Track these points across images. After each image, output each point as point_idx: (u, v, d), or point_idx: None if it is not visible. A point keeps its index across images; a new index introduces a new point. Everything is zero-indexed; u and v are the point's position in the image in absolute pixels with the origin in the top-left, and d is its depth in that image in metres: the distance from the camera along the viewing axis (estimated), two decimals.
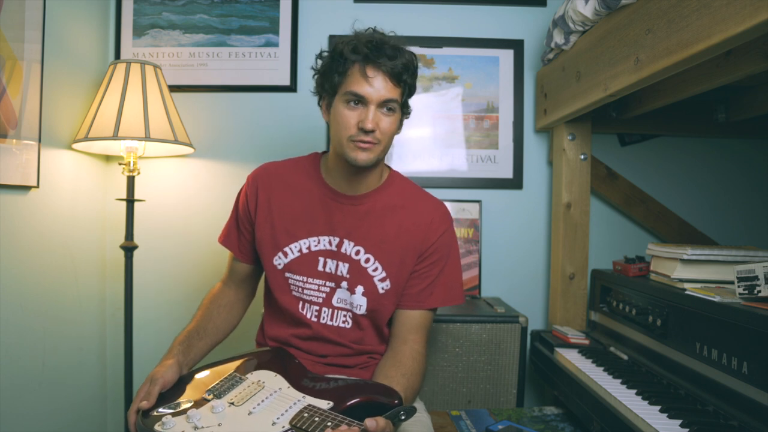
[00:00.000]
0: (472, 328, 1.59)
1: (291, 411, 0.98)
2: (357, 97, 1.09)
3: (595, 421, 1.23)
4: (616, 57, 1.30)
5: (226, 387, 1.08)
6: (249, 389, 1.07)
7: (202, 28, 1.96)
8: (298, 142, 1.97)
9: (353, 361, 1.22)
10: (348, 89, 1.10)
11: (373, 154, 1.12)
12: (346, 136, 1.11)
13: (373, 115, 1.09)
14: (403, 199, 1.23)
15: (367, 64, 1.08)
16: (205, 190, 1.97)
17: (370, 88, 1.08)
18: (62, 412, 1.67)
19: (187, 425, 0.96)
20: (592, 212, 1.86)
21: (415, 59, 1.15)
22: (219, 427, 0.96)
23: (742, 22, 0.87)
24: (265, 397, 1.03)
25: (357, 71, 1.09)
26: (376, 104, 1.09)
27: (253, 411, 1.00)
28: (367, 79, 1.08)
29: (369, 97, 1.09)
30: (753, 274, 1.10)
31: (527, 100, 1.98)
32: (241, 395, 1.05)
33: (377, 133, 1.10)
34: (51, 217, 1.61)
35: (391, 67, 1.08)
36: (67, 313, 1.70)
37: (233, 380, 1.10)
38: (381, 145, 1.12)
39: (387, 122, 1.11)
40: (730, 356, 1.09)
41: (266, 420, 0.97)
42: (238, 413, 1.00)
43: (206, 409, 1.01)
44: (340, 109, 1.12)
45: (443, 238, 1.22)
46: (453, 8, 1.98)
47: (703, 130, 1.93)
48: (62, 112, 1.66)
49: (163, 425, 0.96)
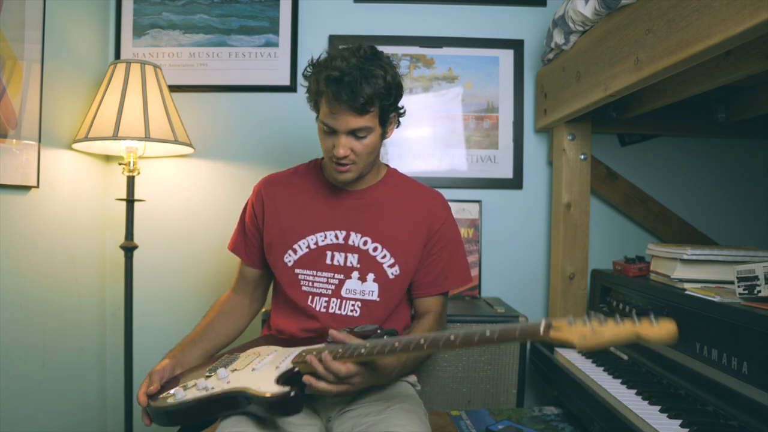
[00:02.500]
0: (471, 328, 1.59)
1: (290, 357, 1.08)
2: (328, 127, 1.15)
3: (595, 421, 1.23)
4: (616, 57, 1.30)
5: (225, 362, 1.15)
6: (247, 358, 1.14)
7: (202, 28, 1.96)
8: (297, 142, 1.97)
9: None
10: (321, 118, 1.16)
11: (351, 173, 1.19)
12: (327, 157, 1.20)
13: (345, 142, 1.14)
14: (403, 191, 1.30)
15: (332, 100, 1.11)
16: (205, 190, 1.97)
17: (336, 122, 1.13)
18: (62, 412, 1.67)
19: (200, 392, 1.04)
20: (592, 212, 1.86)
21: (390, 79, 1.13)
22: (228, 383, 1.04)
23: (742, 22, 0.87)
24: (264, 358, 1.12)
25: (325, 103, 1.14)
26: (345, 134, 1.14)
27: (256, 368, 1.07)
28: (332, 116, 1.13)
29: (338, 128, 1.13)
30: (753, 274, 1.10)
31: (527, 100, 1.98)
32: (241, 363, 1.12)
33: (351, 156, 1.16)
34: (51, 217, 1.61)
35: (351, 103, 1.09)
36: (67, 313, 1.70)
37: (229, 359, 1.18)
38: (359, 163, 1.18)
39: (361, 145, 1.16)
40: (730, 356, 1.09)
41: (270, 368, 1.06)
42: (243, 372, 1.08)
43: (212, 377, 1.08)
44: (319, 131, 1.20)
45: (446, 224, 1.29)
46: (453, 8, 1.98)
47: (703, 130, 1.92)
48: (62, 112, 1.66)
49: (175, 396, 1.05)
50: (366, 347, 0.97)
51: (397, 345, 0.95)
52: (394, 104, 1.19)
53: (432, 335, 0.95)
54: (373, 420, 1.07)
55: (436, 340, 0.94)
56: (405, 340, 0.95)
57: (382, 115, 1.16)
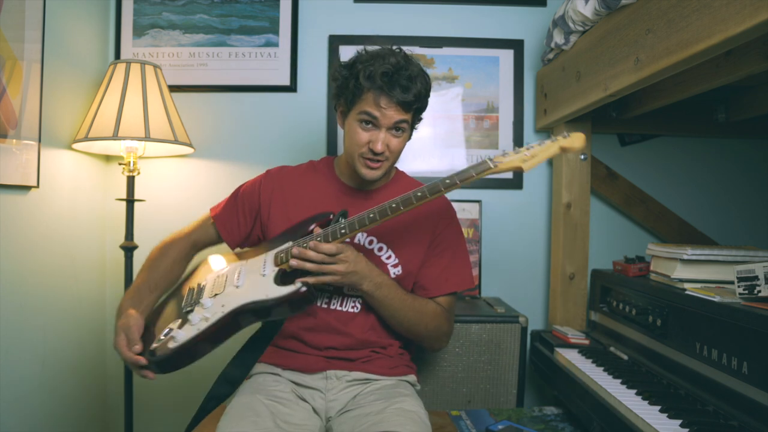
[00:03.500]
0: (472, 328, 1.59)
1: (268, 262, 1.11)
2: (370, 118, 1.16)
3: (595, 421, 1.23)
4: (616, 57, 1.30)
5: (196, 294, 1.13)
6: (218, 281, 1.13)
7: (202, 28, 1.96)
8: (298, 142, 1.97)
9: (356, 354, 1.24)
10: (362, 109, 1.16)
11: (381, 170, 1.21)
12: (357, 153, 1.19)
13: (384, 137, 1.17)
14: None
15: (382, 94, 1.14)
16: (205, 190, 1.96)
17: (382, 115, 1.16)
18: (62, 412, 1.67)
19: (196, 325, 1.02)
20: (592, 212, 1.86)
21: (428, 82, 1.21)
22: (224, 307, 1.04)
23: (742, 22, 0.87)
24: (237, 274, 1.11)
25: (371, 97, 1.15)
26: (387, 128, 1.17)
27: (238, 285, 1.08)
28: (379, 109, 1.15)
29: (381, 121, 1.16)
30: (753, 274, 1.10)
31: (527, 100, 1.98)
32: (216, 286, 1.11)
33: (386, 153, 1.19)
34: (51, 217, 1.61)
35: (403, 99, 1.14)
36: (67, 313, 1.70)
37: (193, 291, 1.15)
38: (389, 161, 1.22)
39: (396, 142, 1.20)
40: (730, 356, 1.09)
41: (255, 278, 1.08)
42: (228, 293, 1.07)
43: (198, 310, 1.06)
44: (353, 126, 1.19)
45: (450, 227, 1.31)
46: (453, 8, 1.98)
47: (703, 130, 1.93)
48: (62, 112, 1.66)
49: (175, 339, 1.02)
50: (344, 225, 1.07)
51: (372, 215, 1.07)
52: (425, 107, 1.24)
53: (400, 198, 1.08)
54: (373, 420, 1.07)
55: (406, 198, 1.07)
56: (380, 209, 1.08)
57: (415, 116, 1.23)
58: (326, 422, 1.19)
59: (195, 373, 1.98)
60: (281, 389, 1.19)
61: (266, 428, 1.04)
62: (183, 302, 1.16)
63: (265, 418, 1.07)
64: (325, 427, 1.19)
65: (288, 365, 1.24)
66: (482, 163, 1.06)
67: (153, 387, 1.96)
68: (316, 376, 1.22)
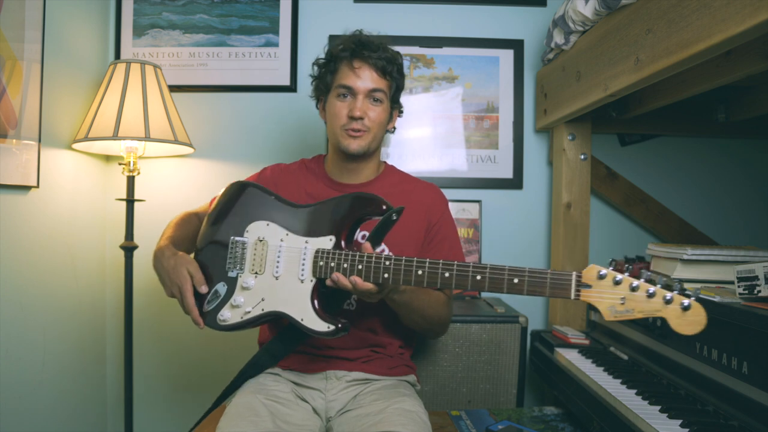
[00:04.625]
0: (472, 328, 1.59)
1: (306, 262, 1.08)
2: (346, 89, 1.23)
3: (595, 421, 1.23)
4: (616, 57, 1.30)
5: (240, 256, 1.15)
6: (258, 251, 1.14)
7: (202, 28, 1.96)
8: (298, 142, 1.97)
9: (355, 354, 1.24)
10: (338, 82, 1.24)
11: (364, 141, 1.23)
12: (339, 126, 1.23)
13: (361, 104, 1.22)
14: (401, 186, 1.33)
15: (354, 57, 1.22)
16: (205, 190, 1.96)
17: (357, 79, 1.22)
18: (62, 412, 1.67)
19: (239, 311, 1.10)
20: (592, 212, 1.86)
21: (400, 57, 1.29)
22: (263, 302, 1.10)
23: (742, 22, 0.87)
24: (277, 256, 1.12)
25: (345, 66, 1.23)
26: (364, 94, 1.22)
27: (277, 274, 1.10)
28: (354, 71, 1.21)
29: (356, 87, 1.22)
30: (753, 274, 1.10)
31: (527, 100, 1.98)
32: (256, 261, 1.14)
33: (366, 121, 1.22)
34: (51, 217, 1.61)
35: (375, 59, 1.21)
36: (67, 313, 1.70)
37: (239, 246, 1.15)
38: (371, 132, 1.24)
39: (375, 111, 1.24)
40: (730, 356, 1.09)
41: (293, 279, 1.09)
42: (267, 281, 1.11)
43: (240, 290, 1.12)
44: (332, 102, 1.26)
45: (444, 217, 1.32)
46: (453, 8, 1.98)
47: (703, 130, 1.93)
48: (62, 112, 1.66)
49: (223, 320, 1.11)
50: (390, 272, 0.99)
51: (421, 273, 0.97)
52: (401, 89, 1.31)
53: (457, 271, 0.95)
54: (373, 420, 1.07)
55: (462, 275, 0.94)
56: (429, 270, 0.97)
57: (393, 93, 1.27)
58: (326, 422, 1.19)
59: (196, 373, 1.99)
60: (281, 389, 1.19)
61: (266, 428, 1.04)
62: (228, 255, 1.15)
63: (264, 418, 1.07)
64: (325, 427, 1.19)
65: (287, 365, 1.24)
66: (562, 283, 0.87)
67: (153, 387, 1.96)
68: (315, 376, 1.22)
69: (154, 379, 1.96)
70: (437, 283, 0.96)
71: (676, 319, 0.77)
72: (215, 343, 1.96)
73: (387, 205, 1.06)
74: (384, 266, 0.99)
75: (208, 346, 1.96)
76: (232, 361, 1.84)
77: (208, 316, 1.13)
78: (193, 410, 1.93)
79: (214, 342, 1.96)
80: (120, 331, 1.83)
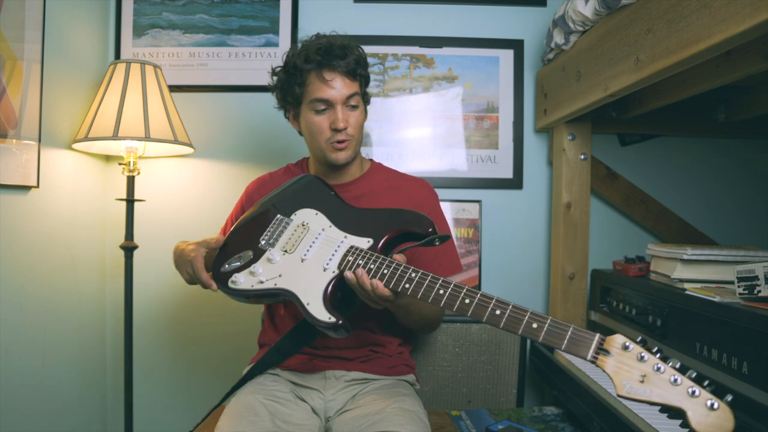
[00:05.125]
0: (472, 328, 1.59)
1: (337, 254, 1.07)
2: (323, 102, 1.19)
3: (595, 421, 1.23)
4: (616, 57, 1.30)
5: (278, 233, 1.16)
6: (297, 233, 1.15)
7: (202, 28, 1.96)
8: (297, 141, 1.95)
9: (354, 354, 1.24)
10: (312, 96, 1.19)
11: (350, 150, 1.23)
12: (323, 140, 1.22)
13: (342, 114, 1.19)
14: (388, 182, 1.32)
15: (323, 69, 1.18)
16: (205, 190, 1.97)
17: (331, 90, 1.19)
18: (62, 412, 1.67)
19: (253, 279, 1.09)
20: (592, 212, 1.86)
21: (363, 52, 1.26)
22: (280, 278, 1.08)
23: (742, 22, 0.87)
24: (312, 241, 1.12)
25: (315, 78, 1.19)
26: (341, 104, 1.20)
27: (305, 257, 1.09)
28: (326, 83, 1.18)
29: (333, 99, 1.19)
30: (753, 274, 1.10)
31: (527, 100, 1.98)
32: (291, 241, 1.14)
33: (349, 129, 1.21)
34: (51, 217, 1.61)
35: (345, 66, 1.19)
36: (67, 313, 1.70)
37: (281, 224, 1.17)
38: (355, 140, 1.24)
39: (354, 117, 1.22)
40: (730, 356, 1.09)
41: (317, 266, 1.07)
42: (293, 261, 1.10)
43: (264, 261, 1.12)
44: (310, 117, 1.21)
45: (434, 212, 1.31)
46: (453, 8, 1.98)
47: (703, 130, 1.92)
48: (62, 112, 1.66)
49: (234, 282, 1.10)
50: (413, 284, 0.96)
51: (442, 293, 0.93)
52: (368, 79, 1.28)
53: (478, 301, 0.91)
54: (373, 420, 1.07)
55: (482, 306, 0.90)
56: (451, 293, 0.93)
57: (363, 88, 1.25)
58: (325, 422, 1.19)
59: (196, 373, 1.99)
60: (280, 389, 1.19)
61: (265, 428, 1.04)
62: (267, 229, 1.17)
63: (263, 418, 1.07)
64: (325, 427, 1.19)
65: (286, 365, 1.24)
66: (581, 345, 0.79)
67: (153, 386, 1.96)
68: (314, 376, 1.22)
69: (154, 379, 1.96)
70: (454, 306, 0.92)
71: (698, 416, 0.69)
72: (216, 344, 1.96)
73: (433, 228, 1.07)
74: (408, 277, 0.97)
75: (208, 346, 1.97)
76: (233, 362, 1.85)
77: (223, 276, 1.12)
78: (193, 410, 1.94)
79: (214, 342, 1.96)
80: (120, 331, 1.82)
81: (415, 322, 1.22)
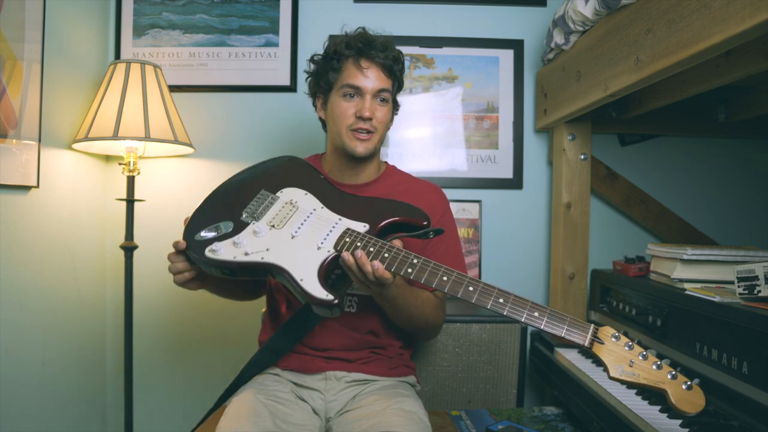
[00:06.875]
0: (472, 328, 1.59)
1: (332, 235, 1.03)
2: (353, 89, 1.20)
3: (595, 421, 1.23)
4: (616, 57, 1.30)
5: (263, 207, 1.11)
6: (284, 210, 1.11)
7: (202, 28, 1.96)
8: (297, 141, 1.97)
9: (355, 355, 1.23)
10: (345, 82, 1.20)
11: (371, 143, 1.22)
12: (345, 126, 1.21)
13: (370, 104, 1.19)
14: (402, 186, 1.32)
15: (361, 57, 1.19)
16: (205, 190, 1.93)
17: (365, 79, 1.20)
18: (62, 412, 1.67)
19: (236, 251, 1.03)
20: (592, 212, 1.86)
21: (402, 56, 1.27)
22: (267, 252, 1.03)
23: (742, 22, 0.87)
24: (303, 220, 1.08)
25: (352, 65, 1.20)
26: (372, 94, 1.20)
27: (295, 234, 1.05)
28: (362, 71, 1.19)
29: (365, 87, 1.20)
30: (753, 274, 1.10)
31: (527, 100, 1.98)
32: (278, 217, 1.09)
33: (374, 122, 1.20)
34: (51, 217, 1.61)
35: (383, 59, 1.20)
36: (67, 313, 1.70)
37: (266, 200, 1.13)
38: (377, 134, 1.23)
39: (382, 112, 1.22)
40: (730, 356, 1.09)
41: (310, 244, 1.03)
42: (281, 236, 1.05)
43: (249, 233, 1.06)
44: (337, 102, 1.22)
45: (444, 217, 1.31)
46: (453, 8, 1.98)
47: (703, 130, 1.93)
48: (62, 112, 1.66)
49: (213, 252, 1.03)
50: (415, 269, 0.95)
51: (446, 279, 0.95)
52: (401, 84, 1.29)
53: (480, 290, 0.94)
54: (373, 420, 1.07)
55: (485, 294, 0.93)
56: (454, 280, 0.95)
57: (394, 86, 1.25)
58: (326, 422, 1.19)
59: (196, 373, 1.99)
60: (281, 389, 1.19)
61: (266, 428, 1.04)
62: (251, 202, 1.13)
63: (264, 418, 1.07)
64: (325, 428, 1.19)
65: (287, 365, 1.24)
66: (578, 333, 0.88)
67: (153, 386, 1.96)
68: (315, 377, 1.22)
69: (154, 379, 1.96)
70: (458, 293, 0.94)
71: (677, 394, 0.80)
72: (216, 344, 1.96)
73: (428, 222, 1.06)
74: (411, 262, 0.96)
75: (208, 346, 1.97)
76: (233, 361, 1.85)
77: (197, 244, 1.06)
78: (193, 410, 1.94)
79: (214, 342, 1.96)
80: (120, 331, 1.82)
81: (403, 321, 1.20)
